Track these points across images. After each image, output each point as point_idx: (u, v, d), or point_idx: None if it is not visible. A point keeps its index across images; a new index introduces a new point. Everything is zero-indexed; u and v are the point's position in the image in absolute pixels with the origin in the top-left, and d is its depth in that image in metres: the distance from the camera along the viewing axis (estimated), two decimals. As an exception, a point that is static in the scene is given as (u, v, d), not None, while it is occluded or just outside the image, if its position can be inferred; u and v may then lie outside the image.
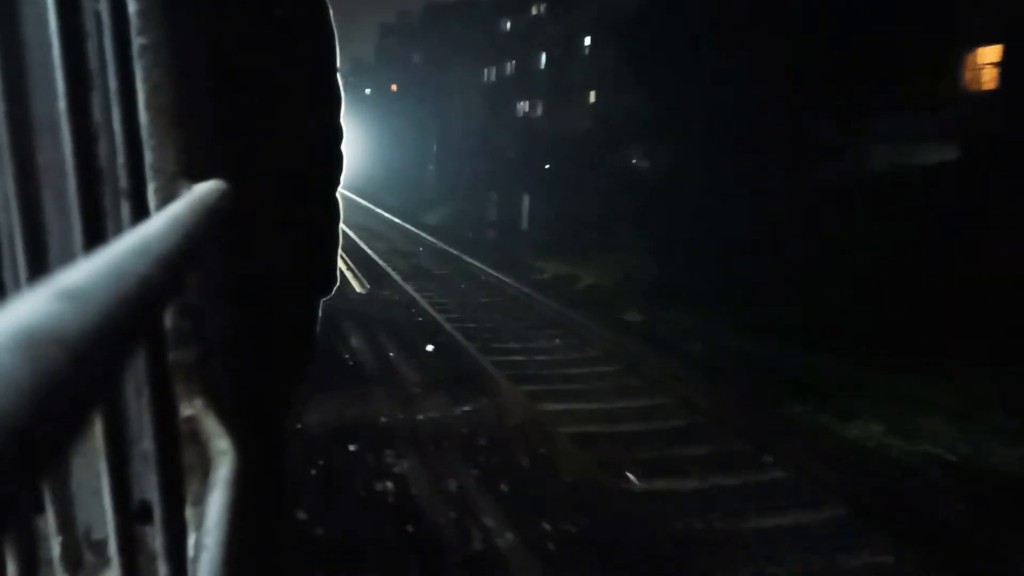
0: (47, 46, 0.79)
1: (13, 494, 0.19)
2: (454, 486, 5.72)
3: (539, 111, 25.99)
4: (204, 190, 0.75)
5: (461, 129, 29.07)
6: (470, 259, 16.01)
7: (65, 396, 0.21)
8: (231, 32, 1.29)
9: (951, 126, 12.50)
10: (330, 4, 1.64)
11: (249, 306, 1.29)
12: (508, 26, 28.77)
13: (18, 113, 0.79)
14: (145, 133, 0.83)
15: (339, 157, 1.78)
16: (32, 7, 0.80)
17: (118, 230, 0.84)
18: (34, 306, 0.23)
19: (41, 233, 0.83)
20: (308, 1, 1.60)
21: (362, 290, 11.70)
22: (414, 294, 12.60)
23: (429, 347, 9.37)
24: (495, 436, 6.84)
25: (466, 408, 7.53)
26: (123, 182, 0.84)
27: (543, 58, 25.78)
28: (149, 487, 0.92)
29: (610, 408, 8.25)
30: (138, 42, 0.80)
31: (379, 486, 5.52)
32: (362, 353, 9.24)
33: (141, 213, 0.84)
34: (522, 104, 27.32)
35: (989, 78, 13.38)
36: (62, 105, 0.80)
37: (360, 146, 38.20)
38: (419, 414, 7.18)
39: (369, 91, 42.28)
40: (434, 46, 33.20)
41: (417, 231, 20.99)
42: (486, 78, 30.19)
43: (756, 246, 12.51)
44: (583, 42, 22.95)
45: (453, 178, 28.68)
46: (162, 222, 0.48)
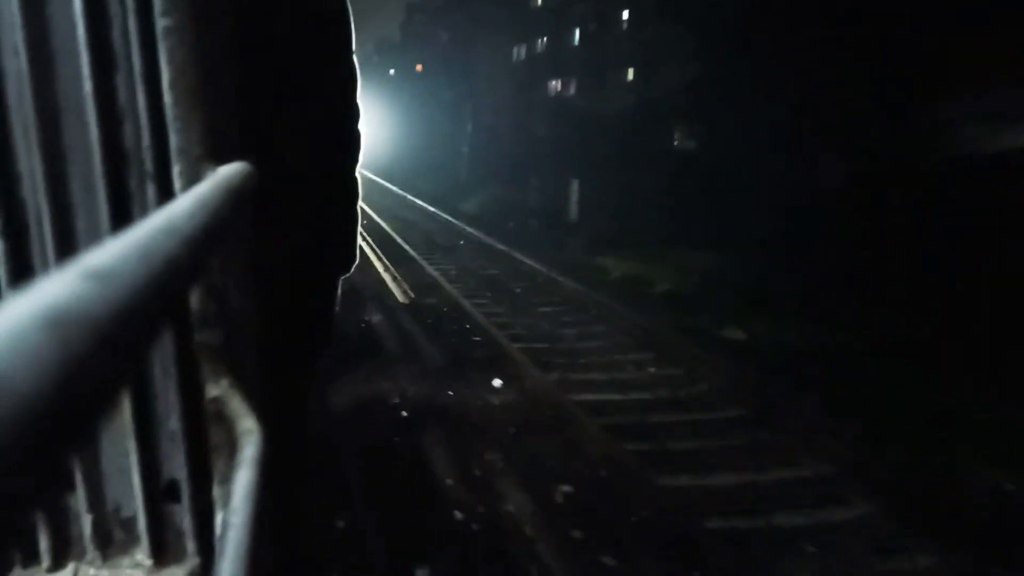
0: (72, 28, 0.80)
1: (42, 473, 0.19)
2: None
3: (572, 90, 24.54)
4: (228, 172, 0.75)
5: (491, 110, 27.95)
6: (519, 255, 13.39)
7: (92, 376, 0.21)
8: (252, 15, 1.29)
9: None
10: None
11: (272, 287, 1.30)
12: (539, 1, 27.73)
13: (45, 95, 0.80)
14: (169, 115, 0.83)
15: (357, 137, 1.78)
16: (57, -11, 0.80)
17: (144, 212, 0.85)
18: (61, 286, 0.23)
19: (69, 214, 0.84)
20: None
21: (405, 299, 9.82)
22: (463, 301, 10.00)
23: (496, 382, 6.85)
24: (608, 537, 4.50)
25: (566, 489, 5.00)
26: (148, 164, 0.84)
27: (576, 34, 24.17)
28: (177, 466, 0.93)
29: (765, 499, 5.07)
30: (162, 24, 0.81)
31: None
32: (413, 395, 6.41)
33: (166, 195, 0.85)
34: (554, 83, 26.17)
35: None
36: (87, 87, 0.80)
37: (385, 128, 37.21)
38: (504, 505, 4.72)
39: (393, 71, 41.76)
40: (461, 24, 32.44)
41: (454, 221, 18.37)
42: (515, 57, 29.20)
43: (843, 238, 10.67)
44: (620, 17, 21.16)
45: (488, 161, 26.92)
46: (187, 203, 0.49)
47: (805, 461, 5.66)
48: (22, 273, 0.83)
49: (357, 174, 1.80)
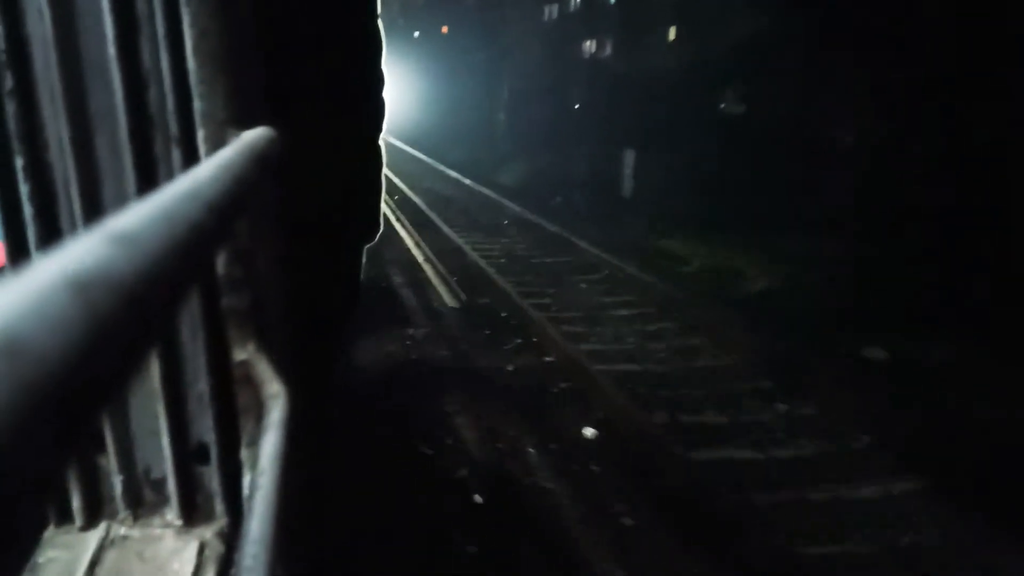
0: (96, -8, 0.80)
1: (70, 434, 0.19)
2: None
3: (607, 51, 23.63)
4: (252, 136, 0.75)
5: (522, 73, 26.90)
6: (574, 238, 11.11)
7: (118, 338, 0.21)
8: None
9: None
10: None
11: (298, 252, 1.31)
12: (573, -44, 26.51)
13: (70, 59, 0.80)
14: (193, 80, 0.83)
15: (382, 104, 1.77)
16: (80, -48, 0.80)
17: (170, 176, 0.85)
18: (86, 250, 0.23)
19: (96, 178, 0.84)
20: None
21: (454, 301, 7.65)
22: (521, 303, 7.59)
23: (588, 431, 4.99)
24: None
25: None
26: (173, 128, 0.84)
27: None
28: (205, 429, 0.95)
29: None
30: (185, -13, 0.80)
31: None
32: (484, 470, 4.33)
33: (191, 159, 0.85)
34: (588, 44, 25.22)
35: None
36: (112, 52, 0.80)
37: (411, 93, 36.35)
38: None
39: (418, 34, 41.17)
40: (490, -19, 31.56)
41: (494, 196, 16.00)
42: (547, 16, 28.31)
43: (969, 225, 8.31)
44: (662, -30, 19.43)
45: (524, 129, 25.23)
46: (212, 168, 0.49)
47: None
48: (50, 238, 0.84)
49: (381, 142, 1.80)
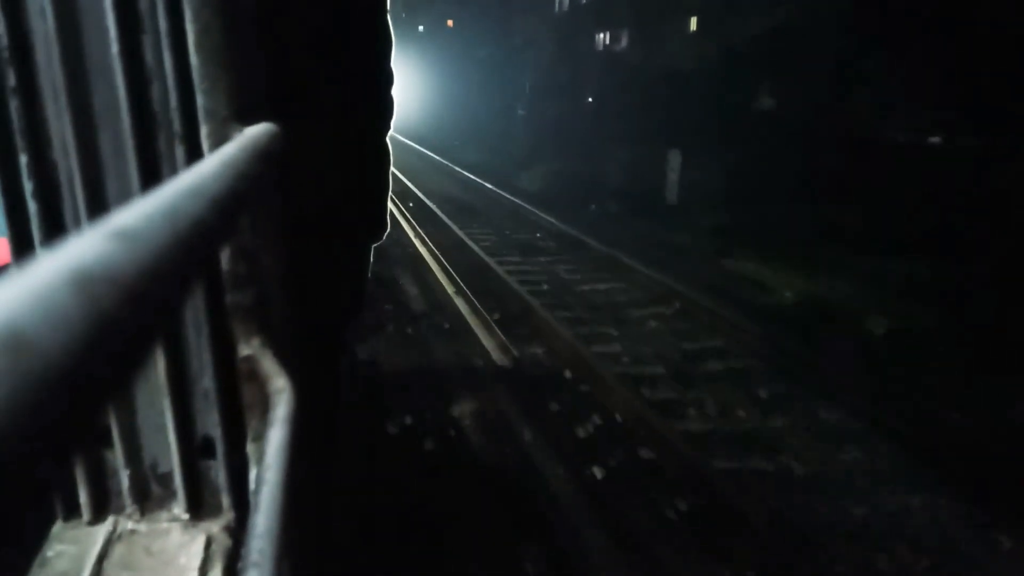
0: (98, -11, 0.80)
1: (75, 428, 0.20)
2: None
3: (623, 43, 21.36)
4: (256, 133, 0.75)
5: (543, 67, 25.80)
6: (622, 256, 8.95)
7: (121, 334, 0.22)
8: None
9: None
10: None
11: (303, 249, 1.31)
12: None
13: (72, 56, 0.80)
14: (196, 76, 0.83)
15: (390, 102, 1.77)
16: (82, -50, 0.80)
17: (173, 172, 0.85)
18: (89, 246, 0.23)
19: (99, 175, 0.84)
20: None
21: (504, 359, 5.59)
22: (586, 353, 5.69)
23: None
24: None
25: None
26: (177, 125, 0.85)
27: None
28: (211, 423, 0.95)
29: None
30: (187, -17, 0.80)
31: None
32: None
33: (195, 155, 0.85)
34: (601, 35, 24.20)
35: None
36: (114, 49, 0.81)
37: (417, 89, 35.16)
38: None
39: (423, 28, 40.68)
40: (498, -28, 30.67)
41: (521, 203, 13.51)
42: (557, 7, 27.37)
43: None
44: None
45: (546, 127, 22.13)
46: (213, 164, 0.49)
47: None
48: (55, 234, 0.84)
49: (388, 140, 1.79)
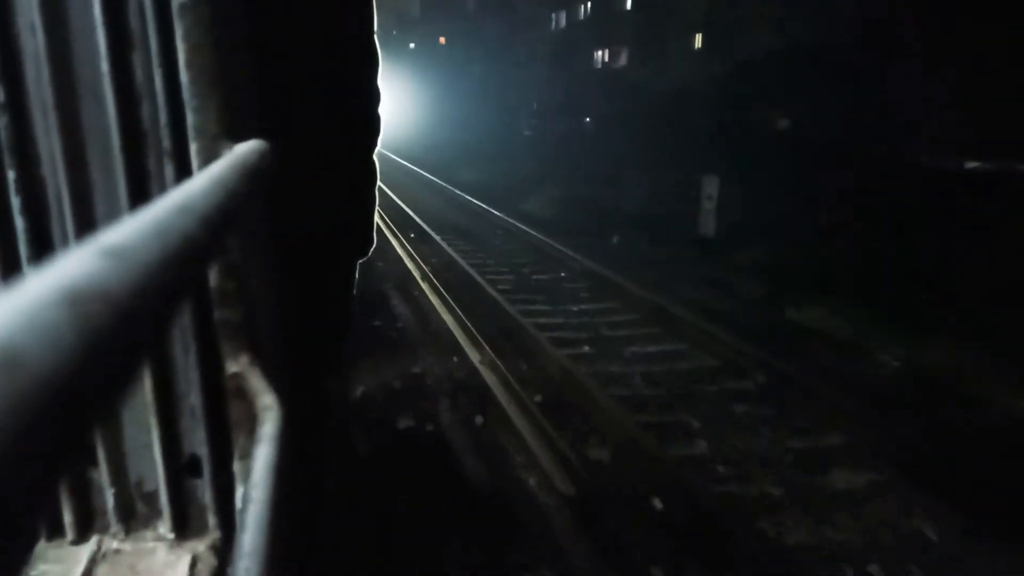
0: (89, 7, 0.80)
1: (63, 447, 0.20)
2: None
3: (622, 60, 20.82)
4: (245, 150, 0.75)
5: (537, 85, 25.24)
6: (671, 306, 7.31)
7: (110, 351, 0.22)
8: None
9: None
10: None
11: (291, 266, 1.31)
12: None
13: (62, 73, 0.80)
14: (186, 94, 0.84)
15: (377, 119, 1.78)
16: (73, -32, 0.80)
17: (162, 190, 0.85)
18: (78, 264, 0.23)
19: (88, 193, 0.84)
20: None
21: (568, 484, 3.92)
22: (664, 455, 4.38)
23: None
24: None
25: None
26: (166, 143, 0.85)
27: None
28: (198, 441, 0.94)
29: None
30: (177, 2, 0.81)
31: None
32: None
33: (184, 173, 0.85)
34: (599, 53, 23.72)
35: None
36: (104, 67, 0.81)
37: (408, 107, 34.47)
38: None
39: (413, 45, 40.47)
40: (491, -11, 30.19)
41: (535, 234, 11.71)
42: (554, 25, 26.93)
43: None
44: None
45: (553, 147, 20.99)
46: (204, 181, 0.49)
47: None
48: (43, 252, 0.84)
49: (375, 157, 1.80)
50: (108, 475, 0.92)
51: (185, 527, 0.94)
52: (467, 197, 16.93)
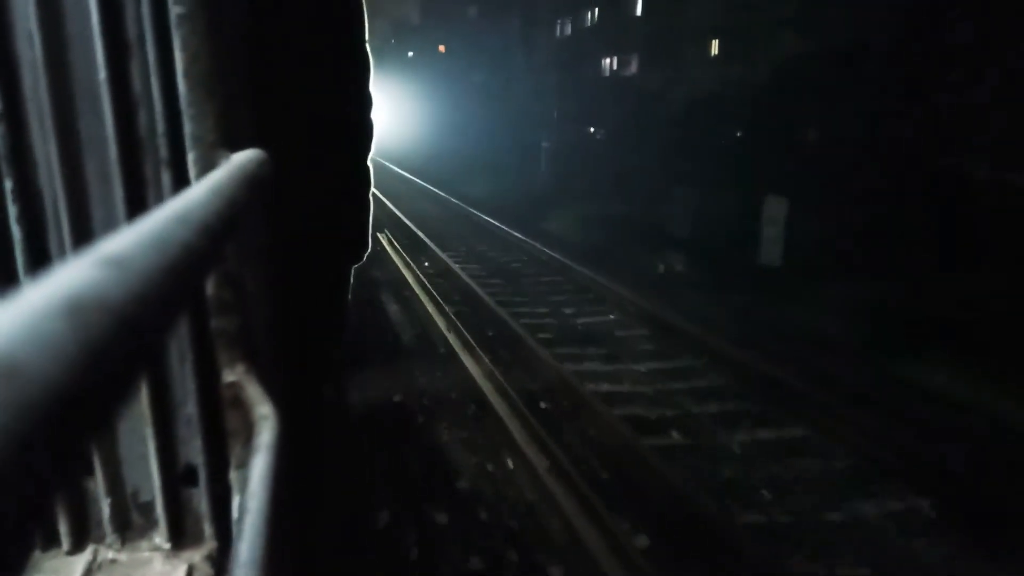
0: (86, 16, 0.80)
1: (62, 457, 0.19)
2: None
3: (632, 68, 19.91)
4: (242, 159, 0.75)
5: (536, 92, 24.48)
6: (755, 359, 5.92)
7: (110, 361, 0.22)
8: (266, 3, 1.29)
9: None
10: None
11: (286, 273, 1.31)
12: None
13: (59, 83, 0.80)
14: (184, 103, 0.84)
15: (370, 125, 1.79)
16: (71, -23, 0.80)
17: (159, 199, 0.85)
18: (79, 273, 0.23)
19: (85, 202, 0.84)
20: None
21: None
22: None
23: None
24: None
25: None
26: (163, 151, 0.85)
27: (639, 1, 19.72)
28: (194, 451, 0.94)
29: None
30: (175, 11, 0.81)
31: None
32: None
33: (181, 182, 0.85)
34: (607, 61, 23.12)
35: None
36: (102, 75, 0.81)
37: (407, 116, 33.84)
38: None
39: (412, 53, 40.26)
40: (493, -4, 29.49)
41: (566, 262, 10.05)
42: (559, 32, 26.46)
43: None
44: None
45: (559, 160, 20.16)
46: (202, 191, 0.49)
47: None
48: (39, 261, 0.83)
49: (369, 163, 1.81)
50: (104, 485, 0.92)
51: (181, 537, 0.94)
52: (480, 214, 15.30)
